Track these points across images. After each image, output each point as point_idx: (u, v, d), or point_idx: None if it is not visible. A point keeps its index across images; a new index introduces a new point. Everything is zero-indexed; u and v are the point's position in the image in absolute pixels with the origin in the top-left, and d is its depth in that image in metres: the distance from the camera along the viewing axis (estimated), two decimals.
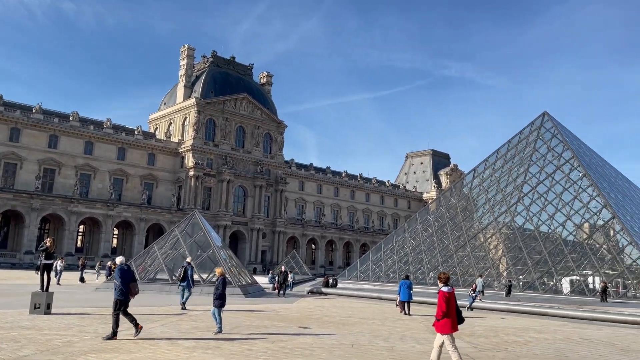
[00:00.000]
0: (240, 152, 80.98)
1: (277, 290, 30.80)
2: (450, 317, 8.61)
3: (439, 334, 8.66)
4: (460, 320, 8.90)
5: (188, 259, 21.73)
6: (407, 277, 21.94)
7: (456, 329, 8.72)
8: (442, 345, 8.62)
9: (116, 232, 71.35)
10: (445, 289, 8.73)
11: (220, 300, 12.70)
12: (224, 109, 79.64)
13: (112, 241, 70.08)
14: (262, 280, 38.59)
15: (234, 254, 32.53)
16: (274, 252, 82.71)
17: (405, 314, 19.65)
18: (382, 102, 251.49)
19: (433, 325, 8.89)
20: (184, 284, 19.34)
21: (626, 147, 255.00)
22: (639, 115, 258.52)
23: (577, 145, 51.30)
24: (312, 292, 31.72)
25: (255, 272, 65.47)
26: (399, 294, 20.60)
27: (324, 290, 31.77)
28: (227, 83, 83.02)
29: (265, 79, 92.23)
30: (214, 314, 12.67)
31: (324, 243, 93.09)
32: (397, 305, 21.32)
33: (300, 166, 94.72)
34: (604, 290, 35.27)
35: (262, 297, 27.02)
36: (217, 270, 13.79)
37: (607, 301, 33.68)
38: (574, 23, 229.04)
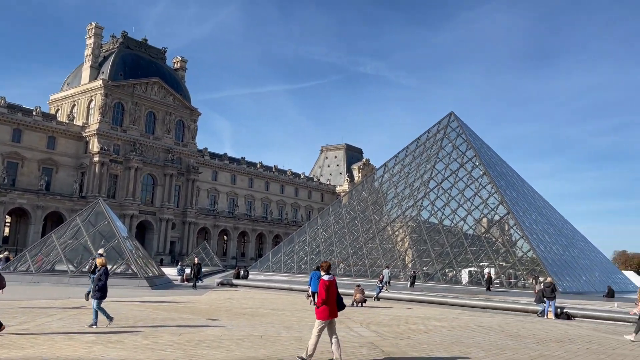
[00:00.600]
0: (150, 138, 77.77)
1: (186, 282, 30.03)
2: (329, 304, 8.84)
3: (317, 320, 8.90)
4: (341, 307, 9.19)
5: (101, 251, 21.04)
6: (318, 269, 22.23)
7: (335, 316, 9.05)
8: (321, 330, 8.86)
9: (8, 220, 65.95)
10: (326, 277, 8.99)
11: (100, 292, 12.03)
12: (133, 92, 75.98)
13: (4, 230, 64.69)
14: (171, 272, 37.48)
15: (140, 245, 31.30)
16: (184, 243, 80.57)
17: (315, 304, 19.94)
18: (299, 94, 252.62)
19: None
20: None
21: (521, 147, 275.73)
22: (533, 118, 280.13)
23: (479, 144, 54.66)
24: (222, 284, 31.30)
25: (162, 263, 63.38)
26: (310, 285, 20.85)
27: (235, 281, 31.46)
28: (138, 66, 79.17)
29: (179, 64, 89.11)
30: (94, 307, 11.96)
31: (237, 234, 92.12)
32: (308, 296, 21.58)
33: (214, 155, 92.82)
34: (489, 281, 38.01)
35: (169, 289, 26.25)
36: (98, 261, 13.16)
37: (490, 290, 36.13)
38: (481, 29, 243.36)
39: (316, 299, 20.56)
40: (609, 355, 10.98)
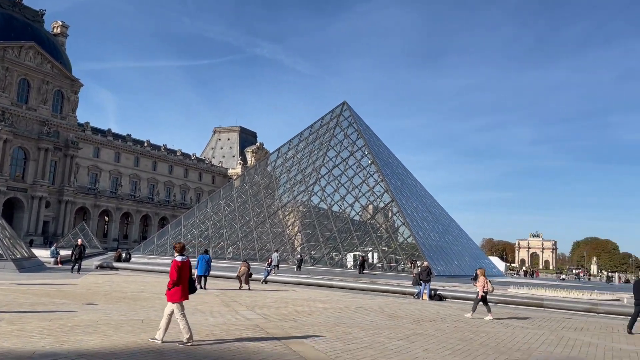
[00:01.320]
0: (23, 108, 70.77)
1: (60, 264, 27.87)
2: (180, 285, 8.76)
3: (169, 303, 8.79)
4: (192, 289, 9.13)
5: None
6: (206, 252, 21.82)
7: (186, 298, 8.93)
8: (171, 313, 8.76)
9: None
10: (179, 258, 8.86)
11: None
12: (4, 56, 68.40)
13: None
14: (43, 254, 34.64)
15: (7, 224, 28.47)
16: (59, 224, 74.79)
17: (201, 287, 19.58)
18: (192, 72, 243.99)
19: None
20: None
21: (407, 139, 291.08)
22: (419, 112, 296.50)
23: (369, 134, 56.78)
24: (101, 267, 29.55)
25: (32, 244, 58.38)
26: (197, 268, 20.42)
27: (116, 264, 29.87)
28: (10, 27, 71.27)
29: (59, 29, 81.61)
30: None
31: (119, 215, 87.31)
32: (194, 279, 21.12)
33: (96, 131, 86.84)
34: (362, 264, 39.51)
35: (41, 272, 24.28)
36: None
37: (363, 273, 37.43)
38: (376, 22, 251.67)
39: (202, 282, 20.23)
40: (473, 332, 12.06)
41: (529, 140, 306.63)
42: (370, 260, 48.94)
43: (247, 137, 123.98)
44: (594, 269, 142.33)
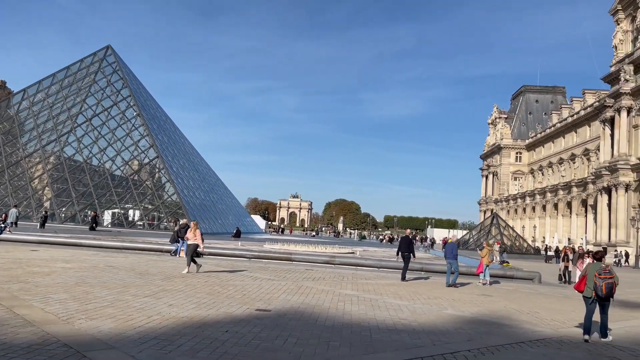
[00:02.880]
0: None
1: None
2: None
3: None
4: None
5: None
6: None
7: None
8: None
9: None
10: None
11: None
12: None
13: None
14: None
15: None
16: None
17: None
18: None
19: None
20: None
21: (180, 95, 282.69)
22: (194, 69, 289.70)
23: (136, 84, 53.16)
24: None
25: None
26: None
27: None
28: None
29: None
30: None
31: None
32: None
33: None
34: (94, 220, 36.33)
35: None
36: None
37: (95, 230, 34.36)
38: None
39: None
40: (222, 286, 12.49)
41: (294, 108, 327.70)
42: (130, 218, 46.74)
43: None
44: (340, 227, 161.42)
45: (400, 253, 16.95)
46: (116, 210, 46.13)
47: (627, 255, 46.96)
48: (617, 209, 51.17)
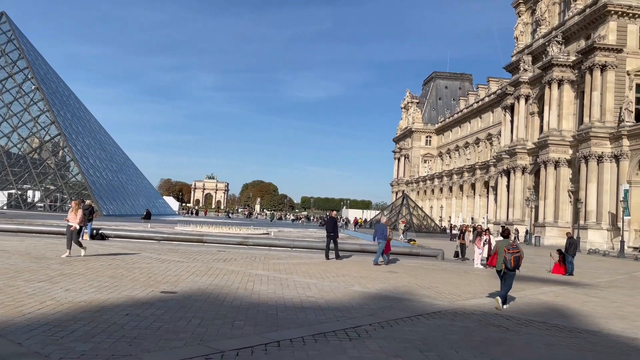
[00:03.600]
0: None
1: None
2: None
3: None
4: None
5: None
6: None
7: None
8: None
9: None
10: None
11: None
12: None
13: None
14: None
15: None
16: None
17: None
18: None
19: None
20: None
21: (86, 69, 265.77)
22: (102, 41, 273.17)
23: (34, 56, 49.22)
24: None
25: None
26: None
27: None
28: None
29: None
30: None
31: None
32: None
33: None
34: None
35: None
36: None
37: None
38: None
39: None
40: (127, 269, 12.05)
41: (211, 86, 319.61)
42: (30, 199, 43.73)
43: None
44: (257, 208, 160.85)
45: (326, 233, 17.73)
46: (12, 191, 42.86)
47: (517, 231, 51.01)
48: (515, 190, 55.13)
